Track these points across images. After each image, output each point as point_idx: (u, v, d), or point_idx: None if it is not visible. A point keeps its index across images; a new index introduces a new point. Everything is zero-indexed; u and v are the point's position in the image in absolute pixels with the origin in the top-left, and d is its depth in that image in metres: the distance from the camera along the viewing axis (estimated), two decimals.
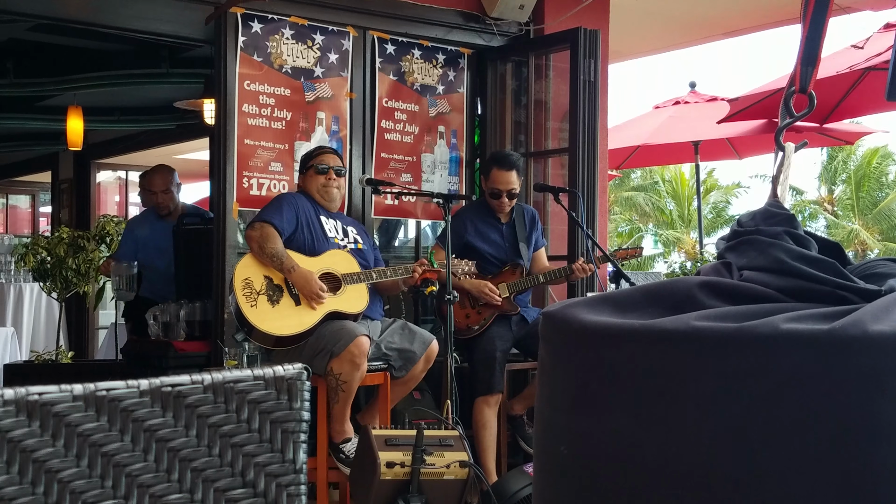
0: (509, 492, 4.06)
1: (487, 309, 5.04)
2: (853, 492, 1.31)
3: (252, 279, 4.34)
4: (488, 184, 5.15)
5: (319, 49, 5.34)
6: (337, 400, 4.27)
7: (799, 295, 1.45)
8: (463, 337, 5.01)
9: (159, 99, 8.92)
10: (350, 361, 4.20)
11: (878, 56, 6.15)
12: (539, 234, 5.35)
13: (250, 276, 4.34)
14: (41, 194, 14.18)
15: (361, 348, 4.20)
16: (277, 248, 4.37)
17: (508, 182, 5.09)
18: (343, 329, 4.27)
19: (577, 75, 5.57)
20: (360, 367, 4.23)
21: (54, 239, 7.85)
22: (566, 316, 1.55)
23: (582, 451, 1.51)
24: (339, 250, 4.59)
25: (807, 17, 1.73)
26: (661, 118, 9.27)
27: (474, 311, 5.05)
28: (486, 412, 4.96)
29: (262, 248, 4.36)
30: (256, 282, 4.34)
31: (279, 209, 4.50)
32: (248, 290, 4.30)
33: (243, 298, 4.28)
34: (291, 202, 4.57)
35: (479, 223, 5.18)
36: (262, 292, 4.33)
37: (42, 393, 1.32)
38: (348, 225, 4.78)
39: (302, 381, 1.53)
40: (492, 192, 5.13)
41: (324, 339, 4.28)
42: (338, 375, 4.21)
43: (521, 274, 5.11)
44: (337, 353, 4.20)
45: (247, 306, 4.27)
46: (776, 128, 1.78)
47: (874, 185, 29.42)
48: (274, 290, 4.35)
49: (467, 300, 5.06)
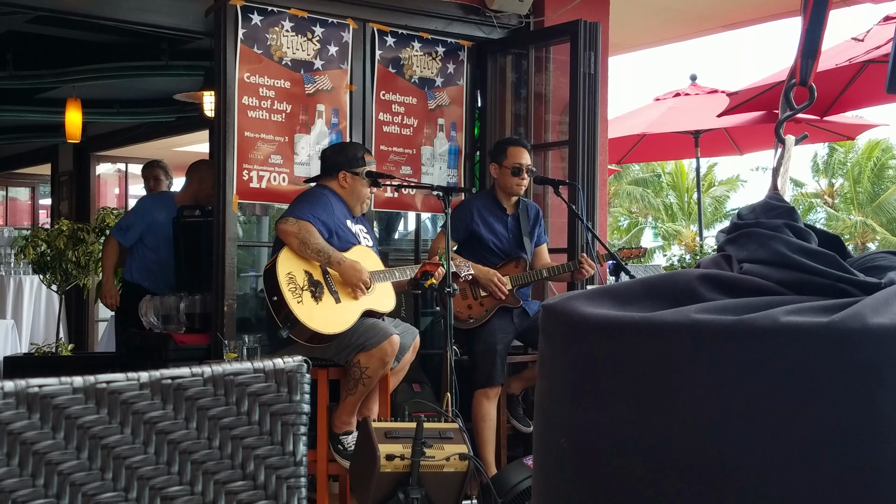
0: (509, 484, 4.07)
1: (489, 301, 5.05)
2: (852, 483, 1.31)
3: (294, 274, 4.28)
4: (507, 162, 5.12)
5: (319, 41, 5.33)
6: (354, 392, 4.30)
7: (799, 288, 1.45)
8: (463, 328, 5.02)
9: (159, 91, 8.90)
10: (380, 358, 4.25)
11: (878, 49, 6.14)
12: (541, 231, 5.35)
13: (293, 271, 4.28)
14: (41, 187, 14.18)
15: (394, 347, 4.27)
16: (321, 243, 4.32)
17: (526, 158, 5.14)
18: (377, 326, 4.32)
19: (578, 68, 5.56)
20: (386, 366, 4.29)
21: (54, 231, 7.87)
22: (566, 308, 1.55)
23: (582, 443, 1.51)
24: (364, 247, 4.58)
25: (807, 10, 1.73)
26: (662, 109, 9.27)
27: (476, 301, 5.05)
28: (486, 405, 4.96)
29: (306, 244, 4.29)
30: (299, 277, 4.28)
31: (316, 209, 4.42)
32: (292, 286, 4.23)
33: (289, 294, 4.20)
34: (327, 204, 4.49)
35: (485, 213, 5.17)
36: (305, 288, 4.27)
37: (42, 385, 1.32)
38: (360, 224, 4.76)
39: (302, 373, 1.53)
40: (513, 168, 5.11)
41: (356, 333, 4.29)
42: (364, 368, 4.24)
43: (525, 267, 5.11)
44: (369, 347, 4.23)
45: (294, 302, 4.20)
46: (776, 120, 1.78)
47: (874, 178, 29.40)
48: (315, 287, 4.31)
49: (469, 291, 5.05)
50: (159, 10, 5.47)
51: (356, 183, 4.60)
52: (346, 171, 4.60)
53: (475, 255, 5.08)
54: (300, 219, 4.33)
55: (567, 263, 5.13)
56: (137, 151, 11.15)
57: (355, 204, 4.64)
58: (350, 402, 4.34)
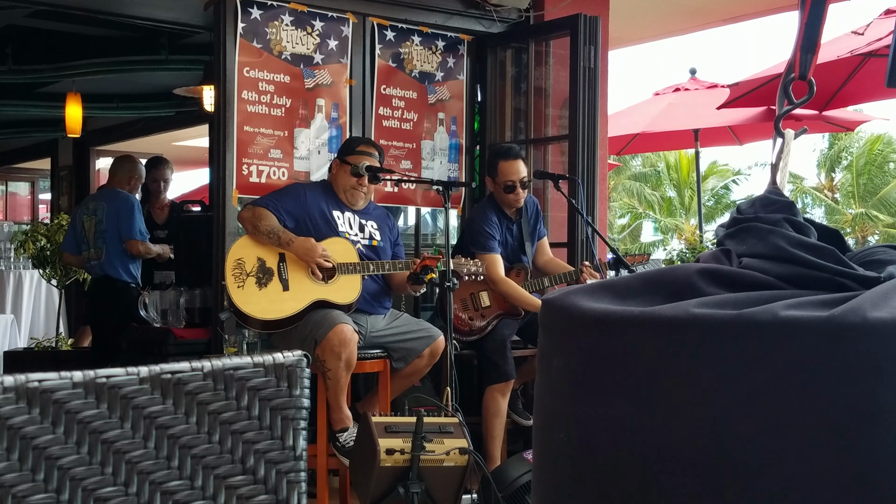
0: (509, 478, 4.07)
1: (491, 311, 5.04)
2: (852, 477, 1.31)
3: (244, 260, 4.35)
4: (500, 179, 5.05)
5: (319, 35, 5.33)
6: (329, 388, 4.27)
7: (798, 282, 1.45)
8: (467, 339, 5.01)
9: (158, 86, 8.90)
10: (330, 350, 4.16)
11: (879, 42, 6.14)
12: (541, 225, 5.33)
13: (243, 257, 4.35)
14: (40, 181, 14.18)
15: (341, 336, 4.15)
16: (272, 224, 4.36)
17: (518, 171, 5.04)
18: (326, 317, 4.26)
19: (577, 62, 5.55)
20: (341, 356, 4.17)
21: (54, 226, 7.87)
22: (566, 303, 1.55)
23: (581, 437, 1.51)
24: (341, 239, 4.54)
25: (806, 4, 1.73)
26: (662, 105, 9.26)
27: (478, 313, 5.04)
28: (500, 401, 4.94)
29: (257, 227, 4.37)
30: (248, 263, 4.35)
31: (279, 198, 4.50)
32: (238, 271, 4.32)
33: (231, 278, 4.31)
34: (299, 195, 4.53)
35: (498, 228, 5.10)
36: (251, 273, 4.33)
37: (42, 380, 1.32)
38: (369, 220, 4.70)
39: (302, 368, 1.53)
40: (506, 186, 5.04)
41: (308, 326, 4.28)
42: (323, 362, 4.22)
43: (525, 276, 5.10)
44: (319, 339, 4.19)
45: (233, 286, 4.30)
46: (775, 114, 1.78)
47: (876, 172, 29.37)
48: (264, 273, 4.35)
49: (470, 302, 5.05)
50: (159, 5, 5.47)
51: (339, 171, 4.65)
52: (336, 159, 4.70)
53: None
54: (256, 205, 4.45)
55: (568, 273, 5.10)
56: (137, 146, 11.13)
57: (341, 193, 4.64)
58: (330, 398, 4.29)
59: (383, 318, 4.61)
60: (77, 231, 6.53)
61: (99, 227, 6.33)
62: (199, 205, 6.43)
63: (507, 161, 5.04)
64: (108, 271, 6.30)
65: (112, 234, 6.29)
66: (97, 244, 6.34)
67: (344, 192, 4.62)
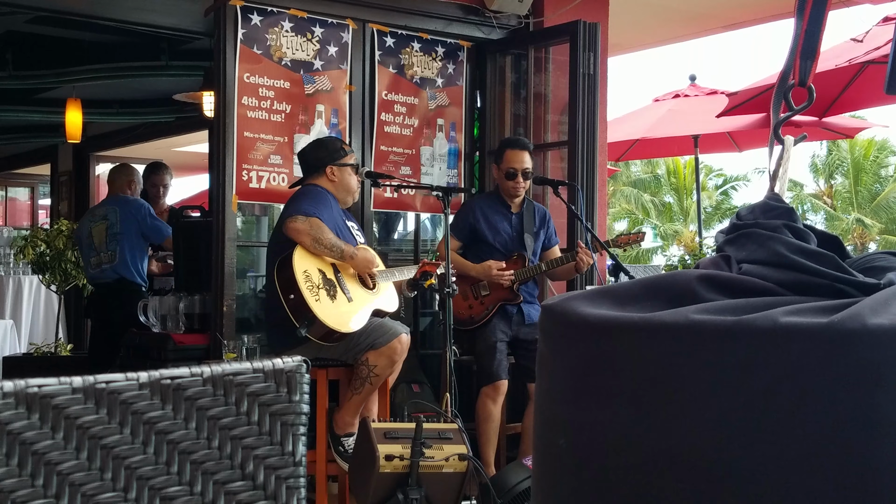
0: (508, 485, 4.07)
1: (490, 298, 5.06)
2: (851, 484, 1.31)
3: (310, 272, 4.25)
4: (503, 166, 5.15)
5: (319, 42, 5.33)
6: (361, 391, 4.28)
7: (798, 288, 1.45)
8: (465, 328, 5.03)
9: (158, 91, 8.91)
10: (389, 357, 4.26)
11: (878, 49, 6.14)
12: (552, 233, 5.36)
13: (308, 269, 4.25)
14: (40, 187, 14.17)
15: (404, 346, 4.29)
16: (333, 238, 4.30)
17: (522, 161, 5.12)
18: (386, 324, 4.33)
19: (577, 68, 5.57)
20: (395, 364, 4.30)
21: (53, 231, 7.87)
22: (565, 309, 1.55)
23: (581, 443, 1.51)
24: (366, 246, 4.58)
25: (805, 10, 1.73)
26: (661, 111, 9.27)
27: (477, 301, 5.07)
28: (489, 405, 4.98)
29: (319, 240, 4.25)
30: (314, 275, 4.26)
31: (321, 205, 4.39)
32: (309, 284, 4.21)
33: (308, 292, 4.17)
34: (328, 204, 4.46)
35: (488, 211, 5.19)
36: (320, 286, 4.25)
37: (41, 385, 1.32)
38: (349, 221, 4.73)
39: (301, 373, 1.53)
40: (507, 172, 5.13)
41: (366, 331, 4.28)
42: (372, 367, 4.24)
43: (524, 264, 5.11)
44: (379, 346, 4.24)
45: (312, 300, 4.17)
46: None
47: (872, 177, 29.38)
48: (330, 285, 4.30)
49: (470, 291, 5.07)
50: (159, 10, 5.47)
51: (343, 174, 4.59)
52: (331, 165, 4.57)
53: (479, 255, 5.10)
54: (310, 216, 4.27)
55: (565, 255, 5.13)
56: (137, 151, 11.14)
57: (346, 196, 4.63)
58: (355, 401, 4.32)
59: None
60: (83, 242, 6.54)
61: (111, 230, 6.35)
62: (198, 210, 6.42)
63: (513, 150, 5.16)
64: (122, 273, 6.31)
65: (128, 236, 6.32)
66: (109, 247, 6.34)
67: (347, 192, 4.62)
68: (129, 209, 6.40)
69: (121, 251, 6.30)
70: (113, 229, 6.34)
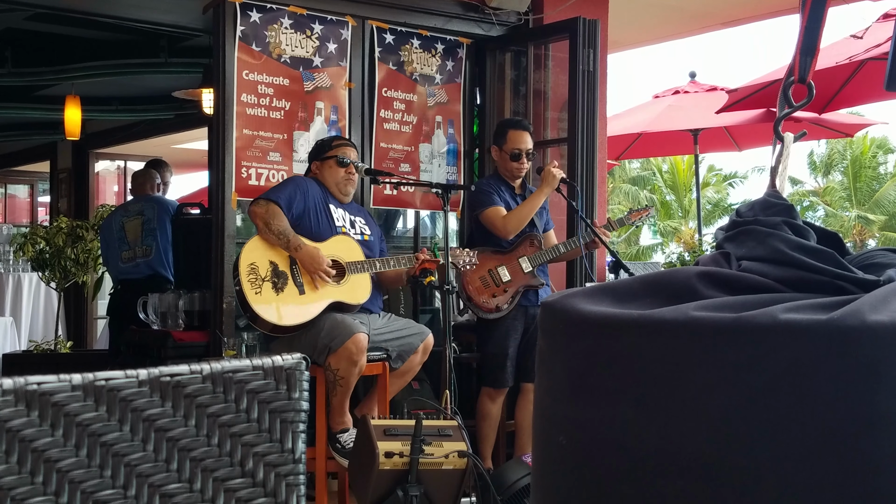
0: (508, 482, 4.07)
1: (513, 284, 5.02)
2: (850, 481, 1.31)
3: (258, 264, 4.29)
4: (507, 147, 5.13)
5: (318, 39, 5.33)
6: (335, 393, 4.27)
7: (797, 285, 1.45)
8: (492, 316, 5.00)
9: (158, 88, 8.90)
10: (347, 358, 4.18)
11: (878, 46, 6.14)
12: (548, 216, 5.36)
13: (256, 261, 4.30)
14: (40, 184, 14.16)
15: (359, 345, 4.19)
16: (284, 226, 4.33)
17: (525, 142, 5.13)
18: (341, 324, 4.25)
19: (577, 65, 5.56)
20: (357, 363, 4.21)
21: (53, 229, 7.87)
22: (565, 306, 1.55)
23: (580, 440, 1.51)
24: (345, 237, 4.56)
25: (806, 7, 1.73)
26: (661, 107, 9.26)
27: (500, 289, 5.02)
28: (489, 404, 5.00)
29: (269, 225, 4.32)
30: (262, 267, 4.29)
31: (286, 191, 4.47)
32: (253, 276, 4.26)
33: (248, 284, 4.24)
34: (301, 186, 4.53)
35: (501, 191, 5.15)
36: (266, 279, 4.28)
37: (41, 382, 1.32)
38: (356, 215, 4.75)
39: (301, 370, 1.53)
40: (512, 153, 5.11)
41: (321, 333, 4.26)
42: (335, 371, 4.21)
43: (539, 246, 5.09)
44: (334, 348, 4.19)
45: (251, 293, 4.23)
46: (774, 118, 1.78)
47: (870, 175, 29.37)
48: (279, 277, 4.31)
49: (490, 279, 5.02)
50: (158, 7, 5.47)
51: (324, 168, 4.66)
52: (315, 161, 4.71)
53: (490, 236, 5.06)
54: (269, 200, 4.38)
55: (580, 236, 5.08)
56: (136, 149, 11.14)
57: (333, 189, 4.65)
58: (336, 403, 4.31)
59: (379, 318, 4.62)
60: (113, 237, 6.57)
61: (148, 224, 6.44)
62: (197, 207, 6.42)
63: (516, 130, 5.16)
64: (157, 268, 6.39)
65: (164, 232, 6.42)
66: (145, 242, 6.41)
67: (336, 186, 4.65)
68: (165, 206, 6.56)
69: (157, 246, 6.37)
70: (150, 224, 6.44)
